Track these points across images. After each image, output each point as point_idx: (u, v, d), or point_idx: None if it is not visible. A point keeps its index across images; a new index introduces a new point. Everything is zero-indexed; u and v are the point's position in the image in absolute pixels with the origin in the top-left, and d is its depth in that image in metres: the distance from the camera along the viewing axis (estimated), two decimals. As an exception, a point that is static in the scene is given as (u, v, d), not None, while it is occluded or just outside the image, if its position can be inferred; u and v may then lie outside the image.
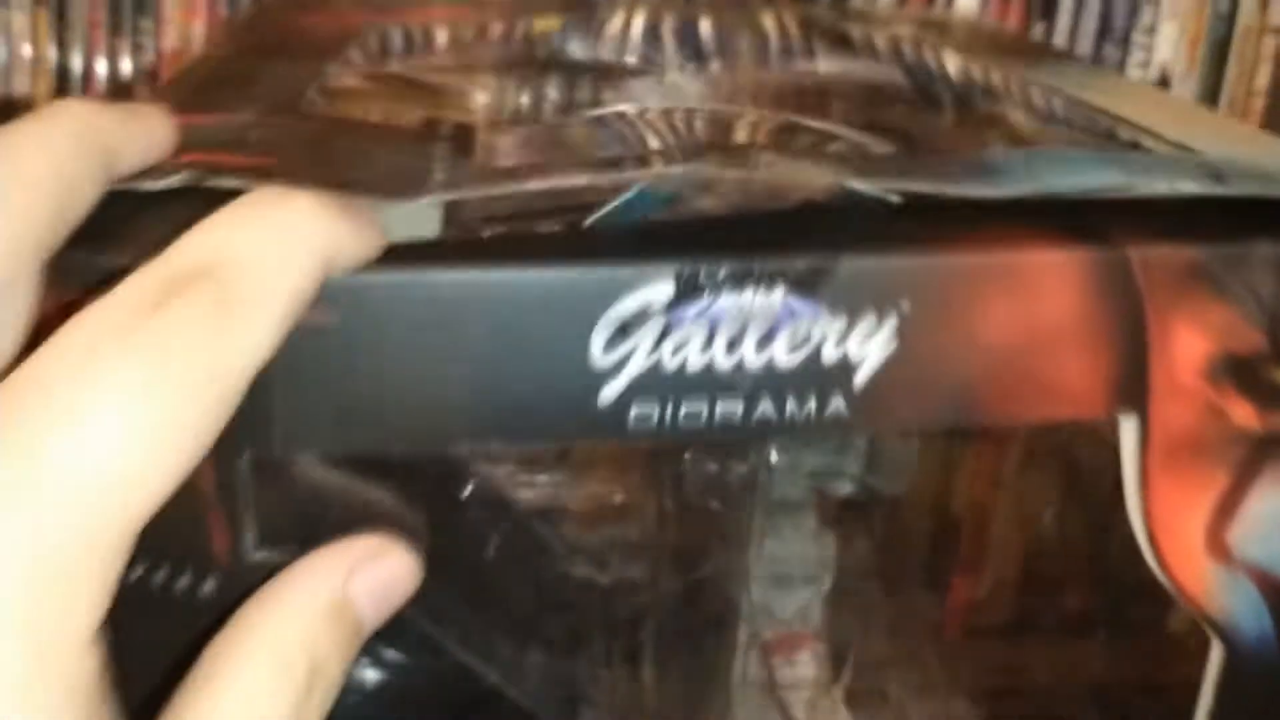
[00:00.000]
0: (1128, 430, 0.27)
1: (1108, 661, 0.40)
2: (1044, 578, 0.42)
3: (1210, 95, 0.60)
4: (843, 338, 0.24)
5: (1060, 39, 0.56)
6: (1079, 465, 0.39)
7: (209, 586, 0.25)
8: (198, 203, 0.25)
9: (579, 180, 0.25)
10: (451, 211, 0.25)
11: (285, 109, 0.30)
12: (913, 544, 0.42)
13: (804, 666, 0.42)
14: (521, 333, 0.23)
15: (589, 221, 0.26)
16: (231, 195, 0.25)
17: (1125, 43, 0.58)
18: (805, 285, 0.24)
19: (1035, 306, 0.25)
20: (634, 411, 0.24)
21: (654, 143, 0.32)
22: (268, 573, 0.24)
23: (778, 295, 0.24)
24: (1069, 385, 0.26)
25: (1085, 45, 0.57)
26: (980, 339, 0.25)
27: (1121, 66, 0.57)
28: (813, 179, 0.25)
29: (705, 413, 0.24)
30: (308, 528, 0.25)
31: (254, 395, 0.21)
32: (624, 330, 0.24)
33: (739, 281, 0.24)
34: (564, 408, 0.24)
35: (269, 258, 0.20)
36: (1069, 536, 0.40)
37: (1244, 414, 0.27)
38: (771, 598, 0.41)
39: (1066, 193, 0.26)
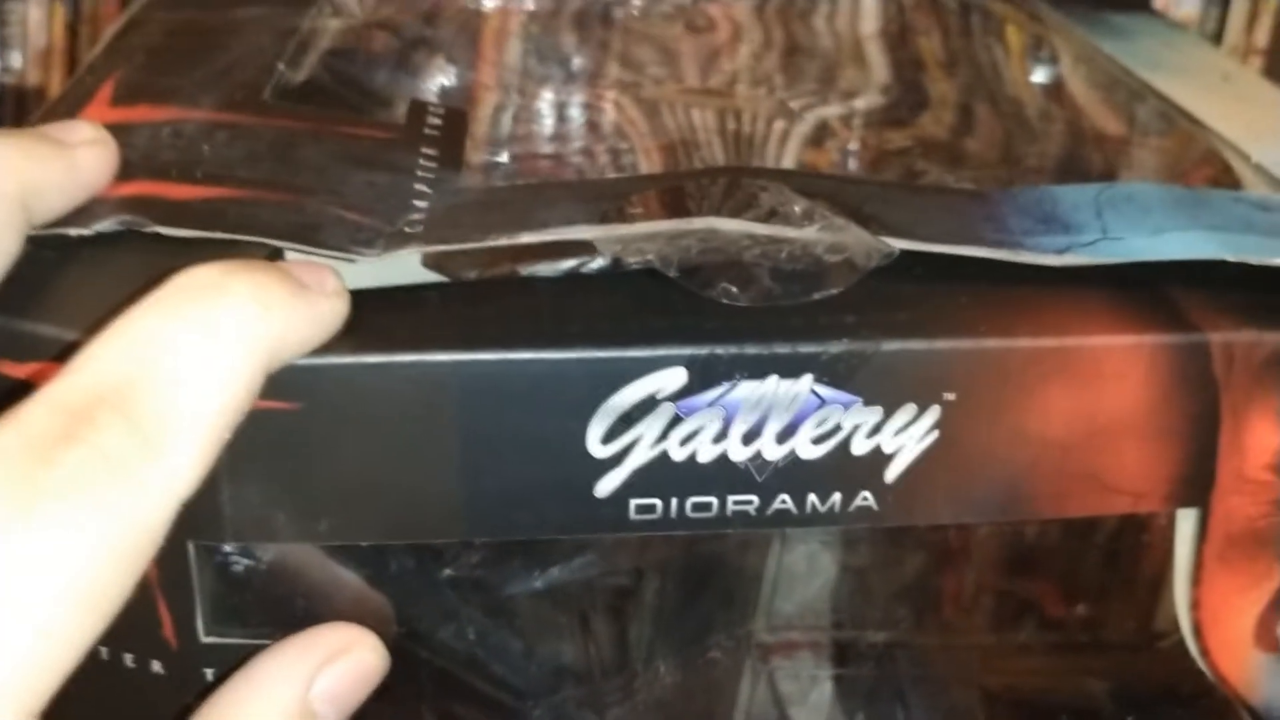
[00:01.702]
0: (1184, 522, 0.24)
1: (1108, 662, 0.38)
2: (1044, 575, 0.40)
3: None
4: (876, 429, 0.21)
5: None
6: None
7: (157, 666, 0.22)
8: (141, 247, 0.21)
9: (577, 232, 0.21)
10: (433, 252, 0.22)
11: (249, 94, 0.26)
12: (911, 540, 0.40)
13: (804, 663, 0.41)
14: (508, 421, 0.20)
15: (586, 269, 0.22)
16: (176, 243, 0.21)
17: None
18: (837, 373, 0.21)
19: (1098, 397, 0.22)
20: (635, 503, 0.21)
21: (667, 162, 0.29)
22: (224, 653, 0.22)
23: (805, 384, 0.21)
24: (1127, 480, 0.23)
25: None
26: (1033, 431, 0.22)
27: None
28: (852, 241, 0.21)
29: (716, 506, 0.22)
30: (271, 610, 0.23)
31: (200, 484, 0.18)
32: (626, 420, 0.21)
33: (761, 369, 0.21)
34: (556, 500, 0.21)
35: (193, 372, 0.17)
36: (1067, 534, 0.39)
37: (1315, 507, 0.24)
38: (781, 596, 0.39)
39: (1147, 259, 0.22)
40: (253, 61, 0.28)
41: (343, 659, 0.21)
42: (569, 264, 0.22)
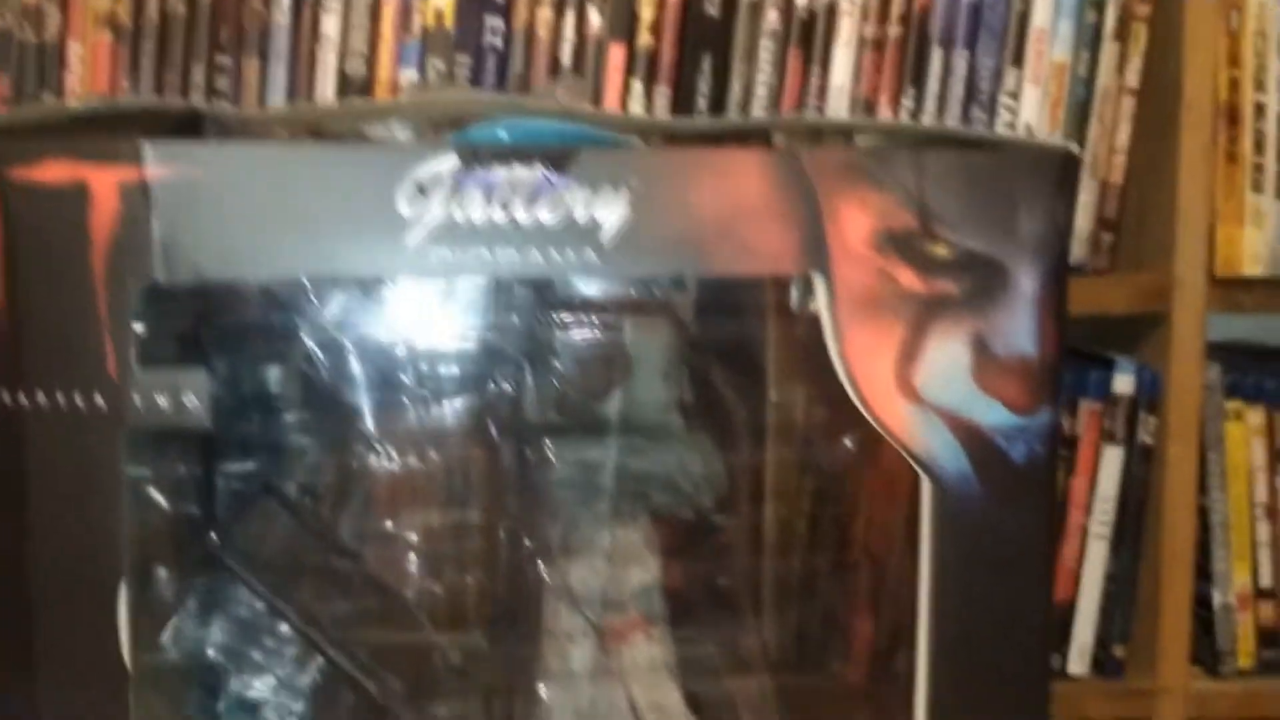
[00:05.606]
0: (819, 287, 0.35)
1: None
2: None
3: (1075, 154, 0.69)
4: (589, 204, 0.34)
5: (929, 103, 0.65)
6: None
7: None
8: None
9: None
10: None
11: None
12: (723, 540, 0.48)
13: (640, 649, 0.47)
14: (341, 190, 0.33)
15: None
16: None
17: (991, 106, 0.67)
18: (557, 164, 0.33)
19: (734, 188, 0.34)
20: (433, 253, 0.33)
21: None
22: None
23: (537, 170, 0.33)
24: (765, 248, 0.34)
25: (953, 108, 0.67)
26: (695, 208, 0.34)
27: (989, 129, 0.66)
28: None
29: (489, 256, 0.34)
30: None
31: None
32: (422, 190, 0.33)
33: (505, 158, 0.33)
34: (378, 248, 0.33)
35: None
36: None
37: (908, 279, 0.35)
38: (606, 586, 0.47)
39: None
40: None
41: None
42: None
